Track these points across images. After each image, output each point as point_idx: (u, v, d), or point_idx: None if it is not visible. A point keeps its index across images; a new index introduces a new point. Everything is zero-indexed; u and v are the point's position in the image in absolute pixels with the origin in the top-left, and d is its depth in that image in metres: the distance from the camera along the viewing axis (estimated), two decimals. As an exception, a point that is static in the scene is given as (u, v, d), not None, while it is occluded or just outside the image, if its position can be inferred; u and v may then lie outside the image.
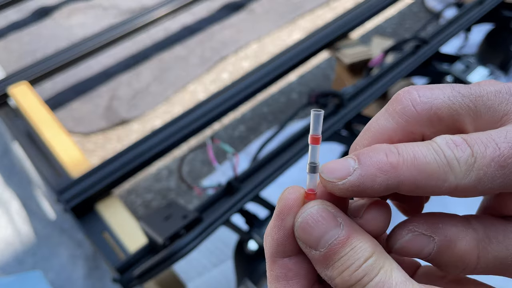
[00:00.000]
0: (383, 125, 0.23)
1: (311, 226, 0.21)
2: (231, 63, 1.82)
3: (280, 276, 0.22)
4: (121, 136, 1.57)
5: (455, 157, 0.20)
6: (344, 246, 0.21)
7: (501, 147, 0.20)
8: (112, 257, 0.78)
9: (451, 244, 0.21)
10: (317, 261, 0.21)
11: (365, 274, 0.20)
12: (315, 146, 0.22)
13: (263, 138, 1.49)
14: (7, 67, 1.79)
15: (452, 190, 0.20)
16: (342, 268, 0.20)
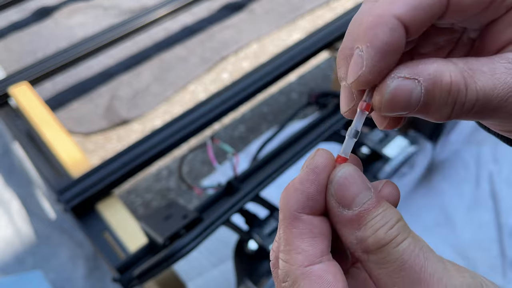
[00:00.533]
0: (366, 8, 0.23)
1: (349, 184, 0.22)
2: (231, 63, 1.82)
3: (305, 233, 0.22)
4: (121, 136, 1.57)
5: None
6: (377, 207, 0.21)
7: None
8: (112, 257, 0.78)
9: (436, 80, 0.21)
10: (348, 221, 0.21)
11: (399, 233, 0.21)
12: (365, 113, 0.23)
13: (263, 138, 1.49)
14: (7, 67, 1.80)
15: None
16: (376, 227, 0.21)
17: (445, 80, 0.20)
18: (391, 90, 0.21)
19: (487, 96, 0.21)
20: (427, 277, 0.20)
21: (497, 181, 1.25)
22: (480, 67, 0.21)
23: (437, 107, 0.21)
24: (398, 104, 0.21)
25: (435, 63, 0.21)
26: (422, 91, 0.21)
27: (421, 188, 1.26)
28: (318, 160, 0.22)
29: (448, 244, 1.16)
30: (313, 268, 0.21)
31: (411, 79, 0.21)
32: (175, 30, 1.96)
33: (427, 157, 1.12)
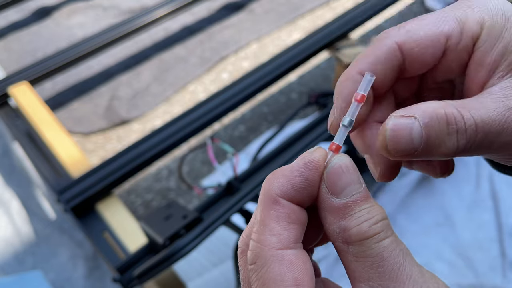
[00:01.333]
0: (347, 91, 0.26)
1: (342, 173, 0.22)
2: (231, 63, 1.82)
3: (282, 217, 0.22)
4: (121, 136, 1.57)
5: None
6: (365, 202, 0.22)
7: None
8: (112, 257, 0.78)
9: (432, 114, 0.22)
10: (335, 209, 0.22)
11: (382, 230, 0.21)
12: (359, 104, 0.24)
13: (263, 138, 1.49)
14: (7, 67, 1.79)
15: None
16: (361, 219, 0.21)
17: (440, 113, 0.22)
18: (390, 127, 0.23)
19: (485, 122, 0.22)
20: (404, 278, 0.20)
21: (497, 181, 1.25)
22: (470, 103, 0.23)
23: (441, 139, 0.22)
24: (401, 142, 0.22)
25: (427, 102, 0.23)
26: (422, 126, 0.22)
27: (421, 188, 1.26)
28: (315, 156, 0.23)
29: (448, 244, 1.16)
30: (285, 252, 0.21)
31: (407, 116, 0.22)
32: (175, 30, 1.96)
33: (427, 157, 1.12)
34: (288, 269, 0.21)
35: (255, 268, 0.21)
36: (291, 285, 0.20)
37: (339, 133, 0.24)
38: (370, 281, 0.20)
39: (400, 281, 0.20)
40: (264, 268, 0.21)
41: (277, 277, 0.20)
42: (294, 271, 0.21)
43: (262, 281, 0.21)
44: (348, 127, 0.24)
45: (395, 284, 0.20)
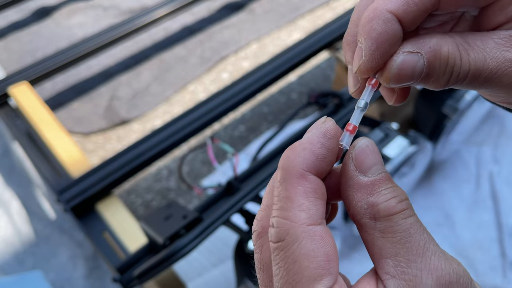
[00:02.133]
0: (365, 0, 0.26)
1: (370, 152, 0.23)
2: (231, 63, 1.82)
3: (310, 192, 0.22)
4: (121, 136, 1.57)
5: None
6: (389, 181, 0.22)
7: None
8: (112, 257, 0.78)
9: (436, 52, 0.23)
10: (362, 186, 0.22)
11: (408, 207, 0.22)
12: (373, 89, 0.25)
13: (263, 138, 1.49)
14: (7, 67, 1.79)
15: None
16: (388, 196, 0.22)
17: (443, 52, 0.23)
18: (397, 65, 0.23)
19: (478, 67, 0.23)
20: (429, 253, 0.21)
21: (497, 181, 1.25)
22: (474, 41, 0.24)
23: (436, 76, 0.24)
24: (404, 77, 0.24)
25: (435, 37, 0.24)
26: (425, 63, 0.23)
27: (421, 188, 1.26)
28: (329, 125, 0.23)
29: (448, 244, 1.16)
30: (316, 228, 0.21)
31: (415, 52, 0.23)
32: (175, 30, 1.96)
33: (427, 157, 1.12)
34: (320, 245, 0.21)
35: (283, 245, 0.21)
36: (324, 261, 0.20)
37: (354, 114, 0.25)
38: (397, 256, 0.21)
39: (426, 256, 0.20)
40: (295, 244, 0.20)
41: (310, 252, 0.20)
42: (326, 246, 0.21)
43: (292, 258, 0.20)
44: (364, 109, 0.25)
45: (421, 259, 0.20)
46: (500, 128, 1.37)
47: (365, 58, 0.24)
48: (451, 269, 0.20)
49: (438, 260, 0.20)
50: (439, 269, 0.20)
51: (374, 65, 0.24)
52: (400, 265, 0.20)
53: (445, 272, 0.20)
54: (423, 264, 0.20)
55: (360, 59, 0.24)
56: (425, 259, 0.20)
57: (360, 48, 0.24)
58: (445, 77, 0.24)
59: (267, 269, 0.23)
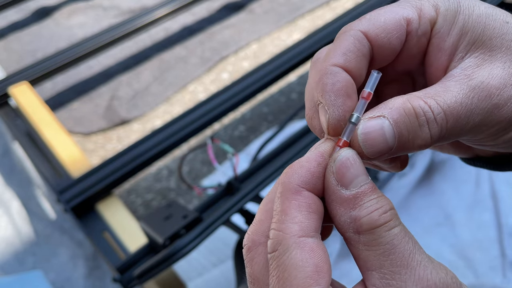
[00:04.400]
0: (311, 81, 0.27)
1: (350, 165, 0.23)
2: (231, 63, 1.82)
3: (304, 206, 0.22)
4: (121, 136, 1.58)
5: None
6: (373, 192, 0.22)
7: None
8: (112, 257, 0.78)
9: (399, 110, 0.23)
10: (344, 200, 0.22)
11: (391, 219, 0.21)
12: (366, 102, 0.24)
13: (263, 138, 1.49)
14: (7, 67, 1.79)
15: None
16: (371, 209, 0.21)
17: (407, 107, 0.23)
18: (361, 132, 0.23)
19: (452, 106, 0.23)
20: (414, 264, 0.21)
21: (497, 181, 1.25)
22: (435, 89, 0.24)
23: (414, 133, 0.23)
24: (376, 142, 0.23)
25: (392, 99, 0.23)
26: (392, 123, 0.23)
27: (421, 188, 1.26)
28: (327, 146, 0.24)
29: (448, 244, 1.16)
30: (306, 240, 0.21)
31: (376, 117, 0.23)
32: (175, 30, 1.96)
33: (427, 157, 1.12)
34: (309, 256, 0.21)
35: (275, 255, 0.22)
36: (312, 271, 0.21)
37: (346, 129, 0.24)
38: (382, 268, 0.21)
39: (411, 267, 0.20)
40: (286, 254, 0.21)
41: (299, 262, 0.21)
42: (315, 257, 0.21)
43: (283, 267, 0.21)
44: (356, 124, 0.24)
45: (406, 270, 0.20)
46: (500, 128, 1.37)
47: (330, 110, 0.24)
48: (438, 278, 0.20)
49: (424, 270, 0.20)
50: (424, 280, 0.20)
51: (341, 113, 0.24)
52: (385, 277, 0.21)
53: (431, 283, 0.20)
54: (407, 276, 0.20)
55: (326, 115, 0.24)
56: (409, 270, 0.20)
57: (322, 106, 0.24)
58: (423, 129, 0.23)
59: (257, 282, 0.23)
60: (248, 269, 0.24)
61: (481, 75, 0.23)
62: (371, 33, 0.25)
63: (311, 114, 0.26)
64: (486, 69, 0.24)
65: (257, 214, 0.25)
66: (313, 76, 0.26)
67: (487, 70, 0.24)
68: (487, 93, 0.23)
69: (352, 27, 0.25)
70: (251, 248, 0.24)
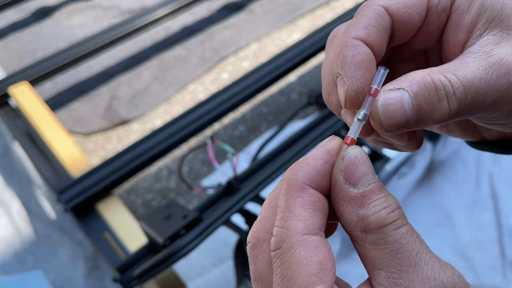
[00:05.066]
0: (331, 56, 0.26)
1: (358, 163, 0.22)
2: (231, 63, 1.82)
3: (309, 204, 0.22)
4: (121, 136, 1.58)
5: None
6: (380, 191, 0.22)
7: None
8: (112, 257, 0.78)
9: (419, 83, 0.23)
10: (352, 198, 0.22)
11: (399, 218, 0.21)
12: (373, 99, 0.24)
13: (263, 138, 1.49)
14: (7, 67, 1.79)
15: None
16: (378, 207, 0.21)
17: (427, 81, 0.23)
18: (381, 103, 0.23)
19: (472, 82, 0.23)
20: (422, 263, 0.20)
21: (497, 181, 1.25)
22: (454, 65, 0.24)
23: (432, 106, 0.23)
24: (395, 116, 0.23)
25: (412, 72, 0.23)
26: (411, 96, 0.23)
27: (421, 188, 1.26)
28: (334, 144, 0.24)
29: (448, 244, 1.16)
30: (311, 237, 0.21)
31: (396, 89, 0.23)
32: (175, 30, 1.96)
33: (427, 157, 1.12)
34: (313, 253, 0.21)
35: (280, 252, 0.21)
36: (316, 269, 0.21)
37: (353, 126, 0.24)
38: (389, 267, 0.21)
39: (419, 266, 0.20)
40: (290, 252, 0.21)
41: (303, 260, 0.21)
42: (319, 255, 0.21)
43: (287, 264, 0.21)
44: (362, 121, 0.24)
45: (413, 269, 0.20)
46: (500, 128, 1.37)
47: (349, 81, 0.24)
48: (445, 278, 0.20)
49: (431, 269, 0.20)
50: (432, 279, 0.20)
51: (360, 85, 0.24)
52: (392, 276, 0.21)
53: (439, 282, 0.20)
54: (415, 275, 0.20)
55: (345, 86, 0.24)
56: (417, 269, 0.20)
57: (341, 78, 0.24)
58: (442, 103, 0.23)
59: (261, 279, 0.23)
60: (252, 267, 0.23)
61: (500, 52, 0.23)
62: (392, 8, 0.25)
63: (328, 89, 0.26)
64: (505, 47, 0.24)
65: (262, 211, 0.25)
66: (331, 52, 0.26)
67: (505, 48, 0.24)
68: (506, 69, 0.23)
69: (373, 1, 0.25)
70: (255, 245, 0.24)
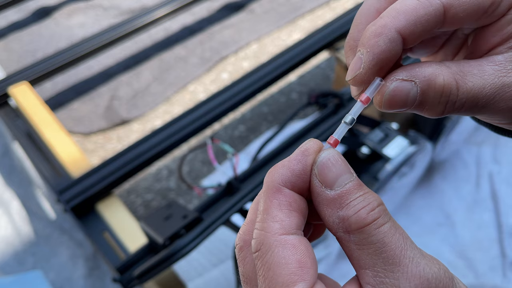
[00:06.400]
0: (369, 3, 0.26)
1: (332, 165, 0.23)
2: (231, 63, 1.82)
3: (284, 204, 0.23)
4: (121, 136, 1.58)
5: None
6: (358, 190, 0.22)
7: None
8: (112, 257, 0.78)
9: (430, 81, 0.23)
10: (330, 201, 0.22)
11: (380, 216, 0.21)
12: (363, 106, 0.25)
13: (263, 138, 1.49)
14: (7, 67, 1.79)
15: None
16: (358, 207, 0.21)
17: (438, 82, 0.23)
18: (390, 91, 0.24)
19: (476, 95, 0.24)
20: (406, 261, 0.21)
21: (497, 181, 1.25)
22: (471, 69, 0.24)
23: (431, 105, 0.24)
24: (396, 103, 0.24)
25: (430, 67, 0.24)
26: (418, 91, 0.24)
27: (421, 188, 1.26)
28: (309, 145, 0.24)
29: (448, 244, 1.16)
30: (288, 237, 0.22)
31: (409, 81, 0.23)
32: (175, 30, 1.96)
33: (427, 157, 1.12)
34: (291, 252, 0.21)
35: (259, 254, 0.22)
36: (295, 267, 0.21)
37: (339, 128, 0.25)
38: (374, 266, 0.21)
39: (403, 264, 0.21)
40: (268, 253, 0.21)
41: (281, 260, 0.21)
42: (298, 254, 0.21)
43: (267, 266, 0.21)
44: (349, 125, 0.25)
45: (398, 268, 0.20)
46: (500, 128, 1.37)
47: (363, 71, 0.24)
48: (430, 274, 0.21)
49: (416, 267, 0.21)
50: (417, 276, 0.20)
51: (369, 79, 0.24)
52: (378, 275, 0.21)
53: (423, 279, 0.20)
54: (400, 273, 0.20)
55: (357, 71, 0.24)
56: (402, 267, 0.20)
57: (359, 59, 0.24)
58: (440, 106, 0.24)
59: (249, 281, 0.23)
60: (241, 269, 0.24)
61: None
62: (452, 11, 0.24)
63: (352, 44, 0.26)
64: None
65: (248, 214, 0.25)
66: (375, 9, 0.26)
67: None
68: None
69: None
70: (242, 248, 0.24)
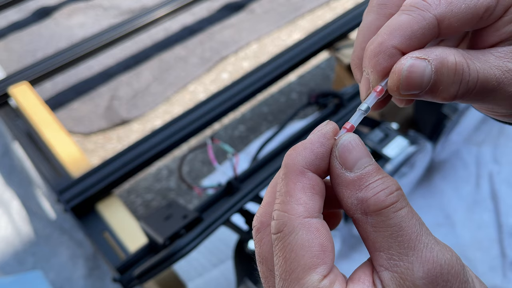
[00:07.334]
0: (369, 21, 0.27)
1: (352, 148, 0.23)
2: (231, 63, 1.82)
3: (308, 187, 0.23)
4: (121, 136, 1.58)
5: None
6: (377, 173, 0.23)
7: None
8: (112, 257, 0.78)
9: (443, 60, 0.24)
10: (349, 182, 0.23)
11: (398, 200, 0.22)
12: (377, 97, 0.26)
13: (263, 138, 1.49)
14: (7, 67, 1.79)
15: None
16: (377, 189, 0.22)
17: (450, 60, 0.24)
18: (407, 68, 0.24)
19: (486, 75, 0.24)
20: (421, 246, 0.21)
21: (497, 181, 1.25)
22: (476, 54, 0.25)
23: (445, 85, 0.24)
24: (413, 83, 0.24)
25: (440, 48, 0.24)
26: (433, 69, 0.24)
27: (421, 188, 1.26)
28: (330, 128, 0.24)
29: (448, 244, 1.16)
30: (311, 220, 0.22)
31: (422, 58, 0.24)
32: (175, 30, 1.96)
33: (427, 157, 1.12)
34: (315, 236, 0.22)
35: (281, 236, 0.22)
36: (318, 250, 0.21)
37: (355, 115, 0.25)
38: (389, 249, 0.21)
39: (418, 249, 0.21)
40: (292, 235, 0.22)
41: (305, 242, 0.22)
42: (321, 237, 0.22)
43: (290, 247, 0.22)
44: (364, 112, 0.26)
45: (413, 252, 0.21)
46: (500, 128, 1.37)
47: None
48: (443, 260, 0.21)
49: (430, 252, 0.21)
50: (430, 261, 0.21)
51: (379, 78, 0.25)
52: (392, 258, 0.21)
53: (437, 264, 0.21)
54: (414, 258, 0.21)
55: (368, 90, 0.26)
56: (416, 252, 0.21)
57: (367, 79, 0.26)
58: (454, 86, 0.24)
59: (266, 261, 0.24)
60: (257, 249, 0.24)
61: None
62: (445, 22, 0.25)
63: (357, 62, 0.28)
64: None
65: (265, 196, 0.25)
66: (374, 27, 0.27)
67: None
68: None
69: (429, 7, 0.24)
70: (259, 229, 0.24)
